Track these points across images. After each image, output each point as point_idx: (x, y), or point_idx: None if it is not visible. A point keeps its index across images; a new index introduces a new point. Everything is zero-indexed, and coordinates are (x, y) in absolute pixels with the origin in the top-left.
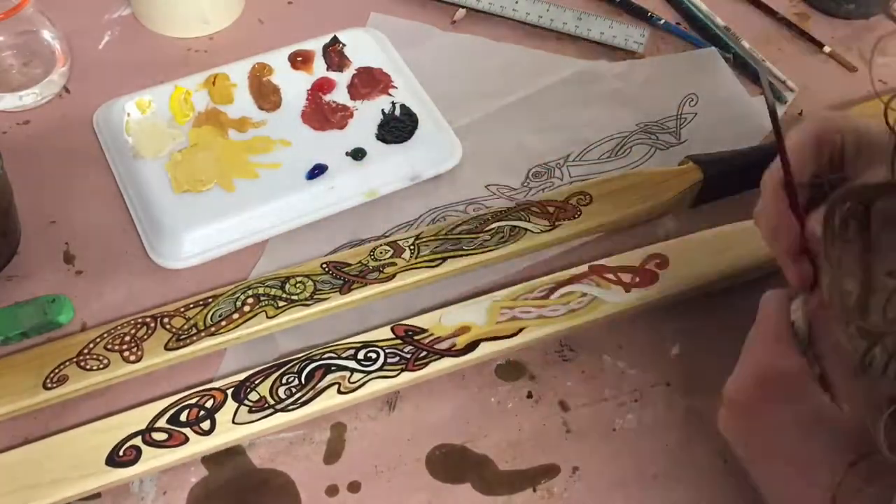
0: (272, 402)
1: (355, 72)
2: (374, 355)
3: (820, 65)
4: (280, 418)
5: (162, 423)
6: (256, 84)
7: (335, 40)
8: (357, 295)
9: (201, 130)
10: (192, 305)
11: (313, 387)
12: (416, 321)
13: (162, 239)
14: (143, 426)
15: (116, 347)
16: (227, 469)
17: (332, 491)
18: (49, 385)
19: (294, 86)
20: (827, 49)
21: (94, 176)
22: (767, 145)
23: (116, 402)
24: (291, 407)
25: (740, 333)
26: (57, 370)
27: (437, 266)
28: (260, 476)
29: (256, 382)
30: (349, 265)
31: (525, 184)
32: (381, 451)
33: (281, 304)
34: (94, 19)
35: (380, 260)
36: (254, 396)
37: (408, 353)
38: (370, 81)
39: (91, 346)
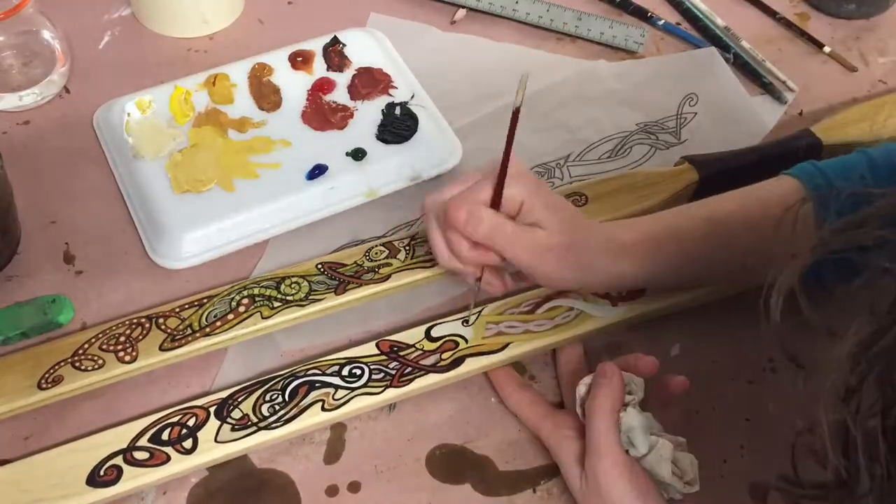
0: (255, 419)
1: (355, 72)
2: (358, 371)
3: (820, 65)
4: (263, 436)
5: (143, 441)
6: (256, 84)
7: (335, 40)
8: (352, 295)
9: (201, 130)
10: (187, 306)
11: (297, 404)
12: (402, 336)
13: (162, 239)
14: (125, 445)
15: (111, 348)
16: (227, 469)
17: (332, 491)
18: (44, 385)
19: (294, 86)
20: (827, 49)
21: (94, 176)
22: (762, 146)
23: (117, 401)
24: (275, 425)
25: (739, 335)
26: (52, 370)
27: (432, 267)
28: (260, 476)
29: (239, 399)
30: (344, 266)
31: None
32: (382, 452)
33: (276, 304)
34: (94, 19)
35: (375, 260)
36: (237, 414)
37: (393, 369)
38: (370, 82)
39: (86, 346)
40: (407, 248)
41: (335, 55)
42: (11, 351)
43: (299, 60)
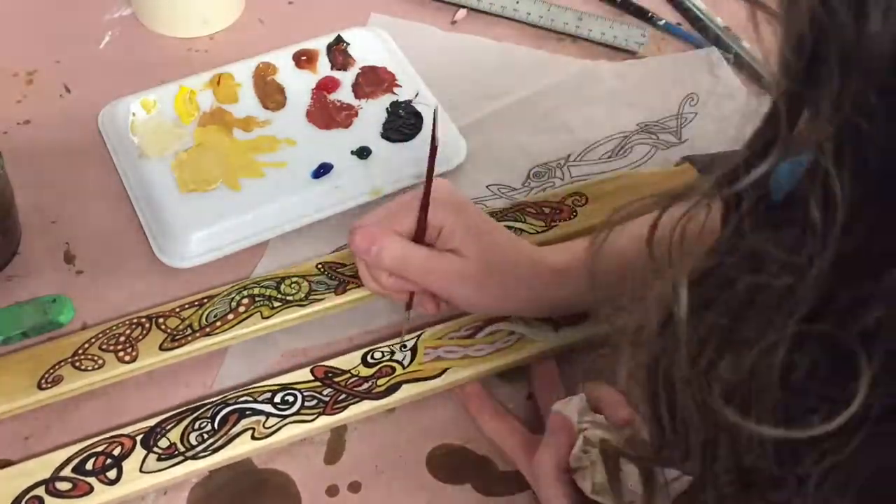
0: (182, 448)
1: (360, 71)
2: (291, 398)
3: None
4: (189, 466)
5: (67, 471)
6: (261, 83)
7: (339, 39)
8: (352, 295)
9: (206, 130)
10: (187, 306)
11: (226, 432)
12: (337, 362)
13: (168, 238)
14: (48, 475)
15: (111, 347)
16: (227, 469)
17: (332, 491)
18: (44, 385)
19: (298, 85)
20: None
21: (95, 176)
22: None
23: (118, 401)
24: (202, 454)
25: None
26: (52, 370)
27: None
28: (260, 476)
29: (168, 428)
30: (344, 266)
31: (526, 184)
32: (382, 452)
33: (276, 304)
34: (94, 19)
35: None
36: (164, 443)
37: (326, 395)
38: (375, 80)
39: (86, 346)
40: None
41: (339, 54)
42: (11, 351)
43: (303, 59)
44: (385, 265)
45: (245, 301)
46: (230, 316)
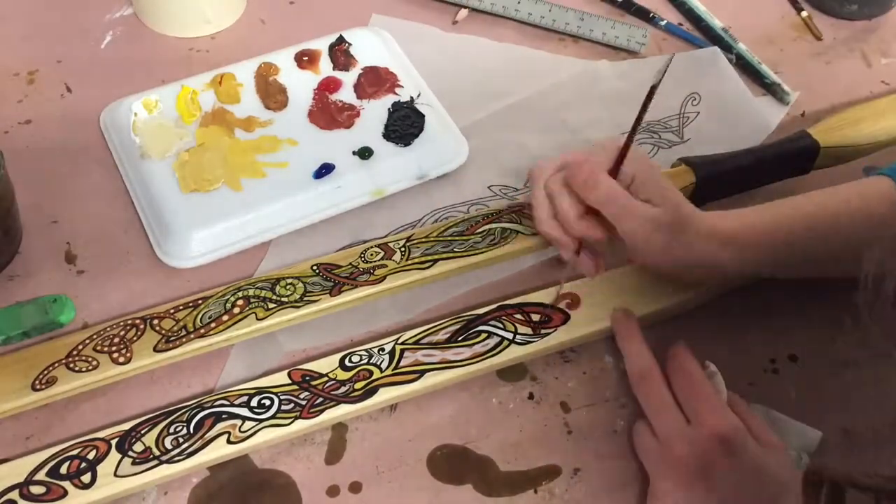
0: (157, 452)
1: (361, 71)
2: (267, 402)
3: (822, 66)
4: (164, 471)
5: (41, 475)
6: (263, 83)
7: (341, 39)
8: (347, 297)
9: (208, 130)
10: (181, 307)
11: (202, 436)
12: (315, 366)
13: (170, 238)
14: (22, 479)
15: (105, 349)
16: (228, 469)
17: (333, 491)
18: (38, 386)
19: (300, 85)
20: (805, 13)
21: (96, 176)
22: (758, 148)
23: (119, 400)
24: (177, 458)
25: (736, 337)
26: (46, 372)
27: (427, 268)
28: (261, 476)
29: (143, 432)
30: (339, 267)
31: (528, 184)
32: (383, 452)
33: (271, 305)
34: (95, 19)
35: (370, 262)
36: (139, 447)
37: (303, 399)
38: (376, 80)
39: (80, 347)
40: (402, 249)
41: (341, 54)
42: (10, 351)
43: (305, 60)
44: (593, 198)
45: (240, 302)
46: (225, 317)
